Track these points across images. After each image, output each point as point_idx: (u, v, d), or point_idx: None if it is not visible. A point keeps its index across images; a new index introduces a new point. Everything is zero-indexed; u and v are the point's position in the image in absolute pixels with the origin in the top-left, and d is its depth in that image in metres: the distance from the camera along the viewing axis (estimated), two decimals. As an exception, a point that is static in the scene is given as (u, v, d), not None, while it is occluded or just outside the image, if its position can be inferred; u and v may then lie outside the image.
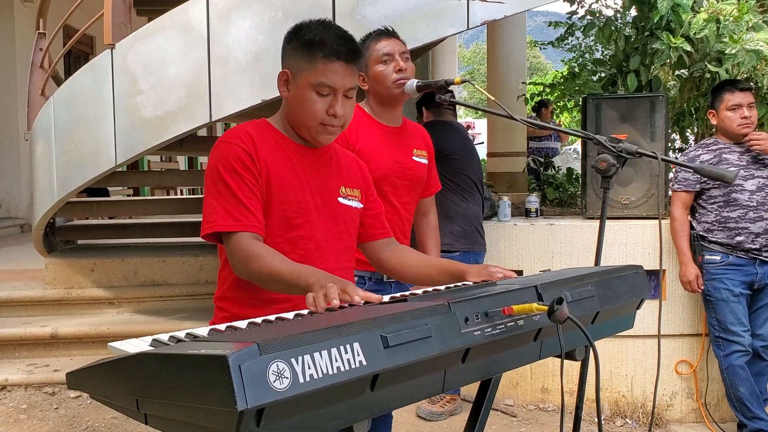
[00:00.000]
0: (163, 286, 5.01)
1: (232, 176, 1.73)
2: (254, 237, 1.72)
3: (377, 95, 2.53)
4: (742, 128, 3.52)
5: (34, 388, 4.09)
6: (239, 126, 1.84)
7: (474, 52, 37.80)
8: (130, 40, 3.86)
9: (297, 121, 1.83)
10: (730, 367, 3.53)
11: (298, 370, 1.01)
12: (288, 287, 1.63)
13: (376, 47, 2.49)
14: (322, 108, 1.77)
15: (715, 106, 3.61)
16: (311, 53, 1.76)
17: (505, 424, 3.81)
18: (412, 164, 2.62)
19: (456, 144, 3.76)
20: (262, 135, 1.82)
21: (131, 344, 1.27)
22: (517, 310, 1.35)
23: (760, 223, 3.48)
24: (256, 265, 1.66)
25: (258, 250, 1.68)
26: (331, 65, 1.75)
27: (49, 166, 4.30)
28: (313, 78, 1.76)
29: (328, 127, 1.80)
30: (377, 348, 1.12)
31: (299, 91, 1.79)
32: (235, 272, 1.75)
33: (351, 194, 1.95)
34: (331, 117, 1.78)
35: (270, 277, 1.65)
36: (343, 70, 1.76)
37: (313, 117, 1.78)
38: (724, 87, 3.61)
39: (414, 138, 2.68)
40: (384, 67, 2.47)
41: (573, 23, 5.06)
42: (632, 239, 3.87)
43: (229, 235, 1.71)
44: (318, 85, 1.76)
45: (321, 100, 1.77)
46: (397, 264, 2.03)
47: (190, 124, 3.67)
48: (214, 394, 0.98)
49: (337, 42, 1.76)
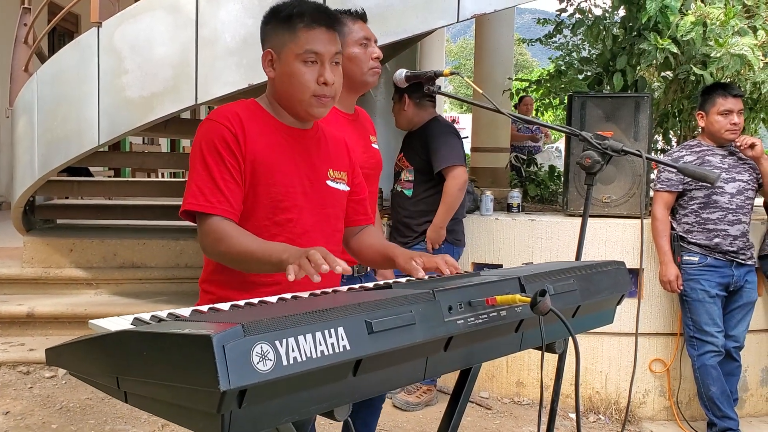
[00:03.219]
0: (142, 268, 4.98)
1: (214, 157, 1.72)
2: (225, 220, 1.71)
3: (347, 77, 2.37)
4: (729, 134, 3.53)
5: (8, 367, 4.06)
6: (228, 105, 1.82)
7: (461, 47, 37.82)
8: (117, 19, 3.82)
9: (287, 97, 1.82)
10: (702, 367, 3.58)
11: (282, 352, 1.02)
12: (260, 265, 1.63)
13: (354, 27, 2.39)
14: (312, 78, 1.76)
15: (705, 108, 3.60)
16: (291, 25, 1.76)
17: (480, 416, 3.84)
18: (373, 151, 2.57)
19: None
20: (251, 115, 1.80)
21: (112, 322, 1.27)
22: (501, 301, 1.36)
23: (738, 226, 3.53)
24: (226, 245, 1.66)
25: (228, 230, 1.68)
26: (313, 32, 1.75)
27: (31, 144, 4.25)
28: (298, 48, 1.75)
29: (321, 98, 1.79)
30: (361, 333, 1.12)
31: (286, 67, 1.78)
32: (206, 254, 1.76)
33: (339, 177, 1.95)
34: (323, 86, 1.77)
35: (240, 257, 1.65)
36: (325, 36, 1.77)
37: (305, 89, 1.77)
38: (717, 90, 3.58)
39: (366, 125, 2.62)
40: (361, 50, 2.38)
41: (562, 21, 5.08)
42: (612, 237, 3.90)
43: (202, 216, 1.71)
44: (303, 54, 1.75)
45: (309, 70, 1.76)
46: (356, 246, 2.06)
47: (176, 106, 3.65)
48: (196, 374, 0.99)
49: (316, 10, 1.78)
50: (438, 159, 3.66)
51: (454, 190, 3.65)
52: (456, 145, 3.74)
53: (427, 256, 1.78)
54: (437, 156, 3.66)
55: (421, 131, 3.77)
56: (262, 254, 1.60)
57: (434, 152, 3.67)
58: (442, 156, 3.65)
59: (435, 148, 3.67)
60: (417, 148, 3.74)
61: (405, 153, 3.84)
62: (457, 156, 3.69)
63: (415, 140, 3.78)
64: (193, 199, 1.71)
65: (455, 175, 3.65)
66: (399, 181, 3.85)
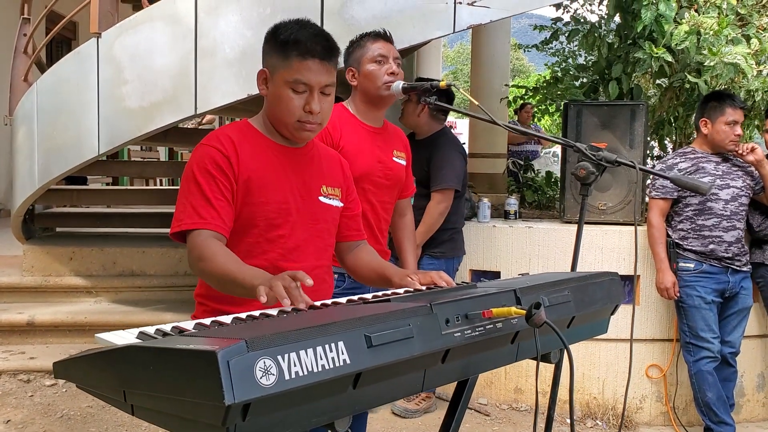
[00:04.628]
0: (141, 276, 5.01)
1: (205, 177, 1.76)
2: (215, 236, 1.74)
3: (365, 93, 2.57)
4: (732, 144, 3.56)
5: (8, 375, 4.08)
6: (220, 129, 1.88)
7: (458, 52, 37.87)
8: (116, 29, 3.85)
9: (276, 118, 1.87)
10: (698, 373, 3.61)
11: (284, 367, 1.05)
12: (234, 288, 1.64)
13: (372, 46, 2.54)
14: (299, 105, 1.80)
15: (710, 117, 3.58)
16: (286, 52, 1.79)
17: (478, 422, 3.87)
18: (393, 165, 2.68)
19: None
20: (242, 137, 1.85)
21: (118, 336, 1.30)
22: (497, 313, 1.39)
23: (732, 232, 3.56)
24: (208, 265, 1.69)
25: (213, 250, 1.70)
26: (305, 63, 1.78)
27: (31, 153, 4.28)
28: (289, 75, 1.79)
29: (306, 125, 1.83)
30: (361, 347, 1.15)
31: (276, 89, 1.82)
32: (192, 271, 1.78)
33: (332, 193, 1.99)
34: (308, 114, 1.81)
35: (220, 277, 1.67)
36: (317, 68, 1.79)
37: (290, 114, 1.81)
38: (726, 100, 3.57)
39: (394, 139, 2.75)
40: (376, 66, 2.52)
41: (558, 29, 5.12)
42: (608, 244, 3.93)
43: (191, 233, 1.74)
44: (293, 83, 1.79)
45: (297, 97, 1.80)
46: (352, 264, 2.10)
47: (176, 116, 3.68)
48: (201, 388, 1.01)
49: (312, 40, 1.79)
50: (439, 177, 3.69)
51: (437, 213, 3.70)
52: (459, 167, 3.78)
53: (421, 272, 1.82)
54: (441, 173, 3.69)
55: (429, 142, 3.78)
56: (239, 277, 1.62)
57: (439, 168, 3.69)
58: (443, 176, 3.69)
59: (438, 165, 3.69)
60: (421, 159, 3.70)
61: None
62: (456, 179, 3.73)
63: (420, 151, 3.74)
64: (188, 218, 1.74)
65: (442, 200, 3.69)
66: None
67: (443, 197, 3.70)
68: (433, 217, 3.70)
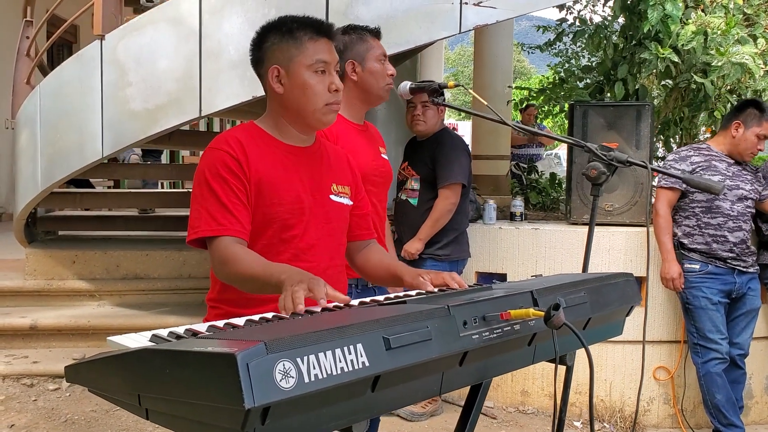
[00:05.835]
0: (145, 279, 4.98)
1: (218, 182, 1.75)
2: (236, 241, 1.73)
3: (364, 89, 2.53)
4: (751, 155, 3.60)
5: (12, 380, 4.05)
6: (227, 132, 1.86)
7: (459, 54, 37.90)
8: (120, 31, 3.83)
9: (298, 111, 1.84)
10: (707, 374, 3.59)
11: (303, 369, 1.02)
12: (263, 286, 1.65)
13: (375, 44, 2.52)
14: (324, 87, 1.82)
15: (746, 122, 3.54)
16: (297, 38, 1.81)
17: (485, 425, 3.84)
18: (383, 161, 2.65)
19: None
20: (250, 138, 1.83)
21: (131, 339, 1.28)
22: (515, 315, 1.37)
23: (738, 233, 3.54)
24: (234, 269, 1.69)
25: (236, 253, 1.70)
26: (318, 43, 1.82)
27: (34, 156, 4.26)
28: (307, 59, 1.80)
29: (333, 105, 1.85)
30: (379, 349, 1.13)
31: (298, 79, 1.81)
32: (217, 276, 1.77)
33: (342, 191, 1.97)
34: (334, 93, 1.83)
35: (247, 278, 1.67)
36: (328, 47, 1.85)
37: (318, 98, 1.82)
38: (765, 113, 3.53)
39: (375, 136, 2.71)
40: (380, 65, 2.51)
41: (562, 30, 5.11)
42: (615, 245, 3.91)
43: (212, 239, 1.73)
44: (315, 64, 1.81)
45: (320, 79, 1.82)
46: (362, 263, 2.08)
47: (180, 118, 3.66)
48: (220, 392, 0.99)
49: (316, 22, 1.85)
50: (446, 173, 3.67)
51: (445, 209, 3.68)
52: (466, 164, 3.76)
53: (434, 273, 1.80)
54: (448, 169, 3.66)
55: (432, 141, 3.76)
56: (264, 275, 1.63)
57: (445, 165, 3.66)
58: (449, 172, 3.66)
59: (445, 162, 3.67)
60: (425, 158, 3.71)
61: (410, 162, 3.83)
62: (462, 174, 3.71)
63: (424, 150, 3.75)
64: (206, 225, 1.73)
65: (450, 195, 3.67)
66: (404, 190, 3.84)
67: (451, 192, 3.67)
68: (441, 212, 3.67)
